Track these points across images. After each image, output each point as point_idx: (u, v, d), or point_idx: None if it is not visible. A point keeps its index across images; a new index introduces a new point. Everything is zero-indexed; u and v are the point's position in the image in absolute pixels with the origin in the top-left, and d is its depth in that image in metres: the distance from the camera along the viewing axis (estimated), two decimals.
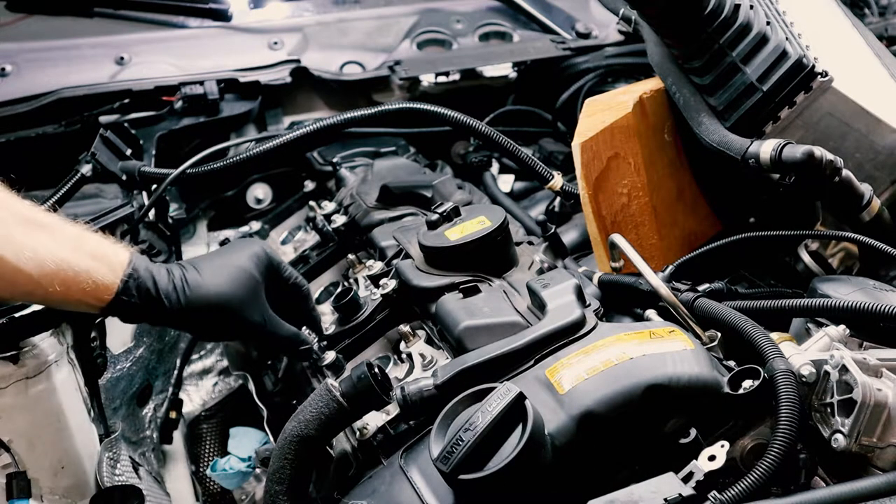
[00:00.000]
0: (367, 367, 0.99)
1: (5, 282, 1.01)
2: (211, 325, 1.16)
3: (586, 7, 2.17)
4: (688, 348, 0.95)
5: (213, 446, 1.81)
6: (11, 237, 1.00)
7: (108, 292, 1.07)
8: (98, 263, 1.06)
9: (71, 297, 1.05)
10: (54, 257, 1.01)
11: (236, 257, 1.18)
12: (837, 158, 1.16)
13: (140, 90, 1.76)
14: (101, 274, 1.05)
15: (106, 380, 1.38)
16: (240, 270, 1.16)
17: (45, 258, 1.01)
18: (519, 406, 0.85)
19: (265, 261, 1.20)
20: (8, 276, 1.00)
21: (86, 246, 1.06)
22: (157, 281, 1.10)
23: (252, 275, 1.17)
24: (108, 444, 1.31)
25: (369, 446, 1.08)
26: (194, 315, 1.12)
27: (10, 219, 1.01)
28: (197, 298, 1.11)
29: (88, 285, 1.04)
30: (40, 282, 1.01)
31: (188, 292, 1.11)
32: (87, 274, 1.04)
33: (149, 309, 1.10)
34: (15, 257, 0.99)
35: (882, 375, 0.94)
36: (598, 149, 1.33)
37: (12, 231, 1.00)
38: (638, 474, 0.87)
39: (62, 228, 1.05)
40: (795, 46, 1.24)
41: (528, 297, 1.12)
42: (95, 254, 1.06)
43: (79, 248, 1.05)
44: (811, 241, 1.31)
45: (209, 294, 1.12)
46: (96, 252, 1.06)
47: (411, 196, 1.52)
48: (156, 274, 1.10)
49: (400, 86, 1.98)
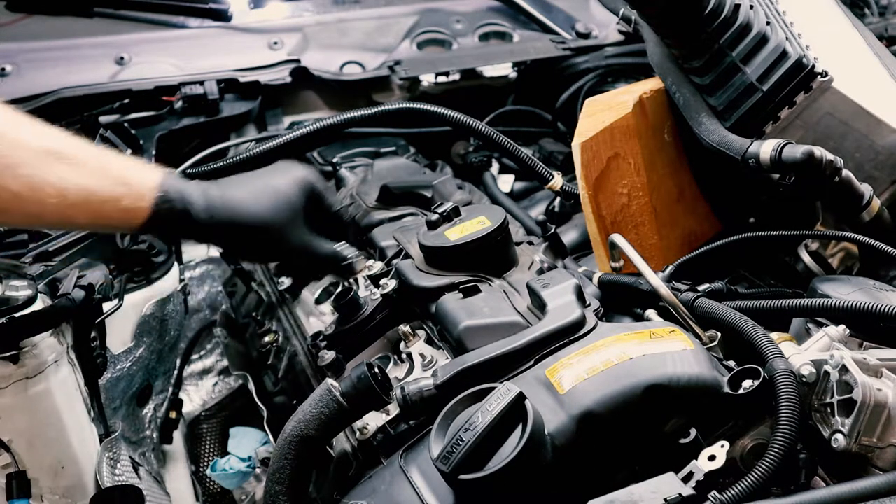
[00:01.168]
0: (367, 367, 0.99)
1: (32, 216, 1.01)
2: (246, 246, 1.16)
3: (586, 7, 2.17)
4: (688, 348, 0.95)
5: (213, 446, 1.81)
6: (33, 173, 0.98)
7: (139, 217, 1.05)
8: (125, 189, 1.04)
9: (100, 223, 1.05)
10: (79, 189, 1.00)
11: (277, 180, 1.16)
12: (837, 158, 1.16)
13: (140, 90, 1.76)
14: (129, 200, 1.04)
15: (106, 380, 1.38)
16: (278, 194, 1.14)
17: (69, 190, 0.99)
18: (519, 406, 0.85)
19: (308, 187, 1.18)
20: (33, 210, 0.99)
21: (112, 173, 1.03)
22: (189, 203, 1.07)
23: (291, 199, 1.15)
24: (108, 444, 1.31)
25: (369, 446, 1.08)
26: (229, 235, 1.11)
27: (31, 153, 0.99)
28: (231, 220, 1.10)
29: (117, 213, 1.03)
30: (66, 212, 1.00)
31: (223, 214, 1.09)
32: (114, 202, 1.02)
33: (182, 230, 1.09)
34: (38, 193, 0.98)
35: (882, 375, 0.94)
36: (598, 149, 1.33)
37: (34, 166, 0.98)
38: (638, 474, 0.87)
39: (86, 158, 1.03)
40: (795, 46, 1.24)
41: (528, 297, 1.12)
42: (122, 180, 1.04)
43: (104, 177, 1.03)
44: (811, 241, 1.31)
45: (244, 217, 1.11)
46: (123, 178, 1.04)
47: (411, 196, 1.52)
48: (188, 196, 1.08)
49: (400, 86, 1.98)
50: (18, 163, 0.97)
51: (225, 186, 1.12)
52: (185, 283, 1.65)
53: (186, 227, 1.09)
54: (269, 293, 1.57)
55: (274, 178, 1.17)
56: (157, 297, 1.54)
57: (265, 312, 1.55)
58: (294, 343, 1.41)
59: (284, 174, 1.18)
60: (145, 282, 1.52)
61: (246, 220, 1.11)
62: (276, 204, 1.14)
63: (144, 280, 1.52)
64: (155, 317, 1.54)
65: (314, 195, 1.19)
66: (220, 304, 1.86)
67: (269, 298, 1.56)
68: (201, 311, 1.87)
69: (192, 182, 1.11)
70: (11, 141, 0.97)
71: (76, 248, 1.39)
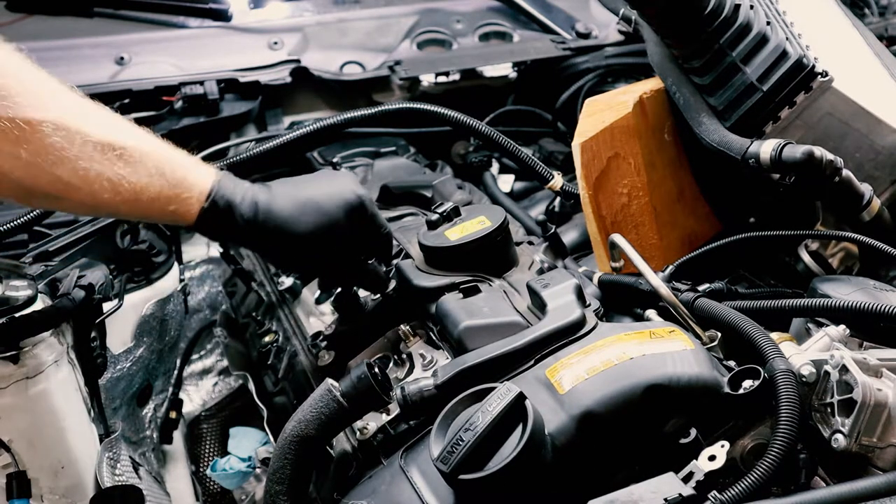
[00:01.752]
0: (367, 367, 0.99)
1: (82, 206, 1.03)
2: (286, 259, 1.19)
3: (586, 7, 2.17)
4: (688, 348, 0.95)
5: (213, 446, 1.81)
6: (90, 166, 0.99)
7: (187, 219, 1.08)
8: (178, 191, 1.06)
9: (151, 218, 1.09)
10: (132, 186, 1.02)
11: (326, 201, 1.14)
12: (837, 158, 1.16)
13: (140, 90, 1.76)
14: (179, 201, 1.06)
15: (106, 380, 1.38)
16: (324, 213, 1.13)
17: (123, 187, 1.01)
18: (519, 406, 0.85)
19: (358, 209, 1.16)
20: (85, 201, 1.01)
21: (166, 173, 1.05)
22: (237, 211, 1.09)
23: (336, 220, 1.14)
24: (108, 444, 1.31)
25: (369, 446, 1.08)
26: (272, 246, 1.14)
27: (91, 147, 1.00)
28: (274, 232, 1.11)
29: (167, 212, 1.06)
30: (117, 207, 1.03)
31: (268, 227, 1.11)
32: (165, 201, 1.05)
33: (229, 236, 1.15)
34: (92, 186, 1.00)
35: (882, 375, 0.94)
36: (598, 149, 1.33)
37: (92, 159, 0.99)
38: (638, 474, 0.87)
39: (144, 156, 1.04)
40: (795, 46, 1.24)
41: (528, 297, 1.12)
42: (176, 181, 1.06)
43: (159, 176, 1.04)
44: (811, 241, 1.31)
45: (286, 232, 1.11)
46: (177, 179, 1.06)
47: (411, 196, 1.52)
48: (237, 204, 1.10)
49: (400, 86, 1.98)
50: (78, 155, 0.98)
51: (273, 195, 1.13)
52: (185, 283, 1.65)
53: (231, 232, 1.11)
54: (269, 293, 1.57)
55: (323, 192, 1.16)
56: (157, 297, 1.54)
57: (265, 312, 1.55)
58: (294, 343, 1.41)
59: (335, 195, 1.16)
60: (145, 282, 1.52)
61: (287, 237, 1.12)
62: (320, 222, 1.13)
63: (144, 280, 1.52)
64: (155, 317, 1.54)
65: (364, 217, 1.17)
66: (220, 304, 1.86)
67: (269, 298, 1.56)
68: (201, 311, 1.87)
69: (244, 185, 1.12)
70: (75, 133, 0.98)
71: (76, 248, 1.39)
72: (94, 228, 1.44)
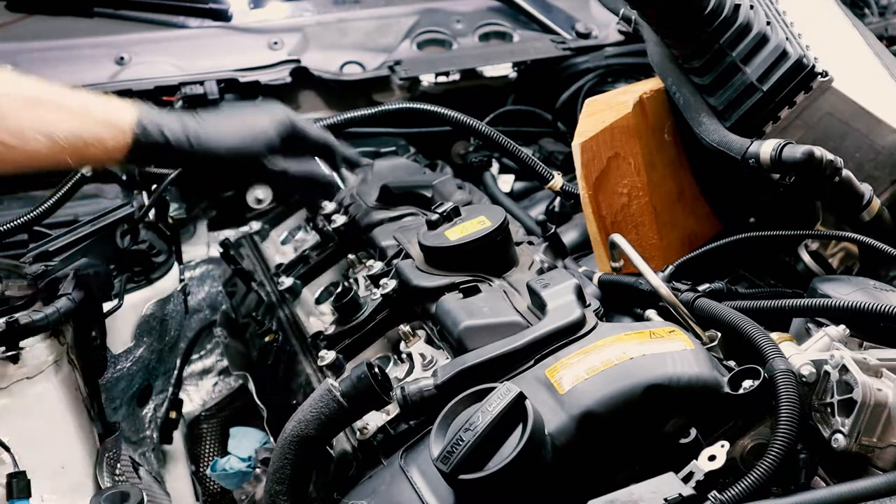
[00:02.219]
0: (367, 367, 0.99)
1: (23, 164, 1.07)
2: (221, 176, 1.27)
3: (586, 7, 2.17)
4: (688, 348, 0.95)
5: (213, 446, 1.81)
6: (20, 121, 1.04)
7: (120, 153, 1.12)
8: (106, 128, 1.11)
9: (85, 162, 1.16)
10: (63, 133, 1.06)
11: (255, 116, 1.23)
12: (837, 158, 1.16)
13: (140, 90, 1.76)
14: (110, 137, 1.11)
15: (106, 380, 1.38)
16: (255, 129, 1.20)
17: (54, 135, 1.05)
18: (519, 406, 0.85)
19: (286, 126, 1.23)
20: (21, 157, 1.05)
21: (92, 114, 1.11)
22: (167, 135, 1.14)
23: (267, 134, 1.21)
24: (108, 444, 1.31)
25: (369, 446, 1.08)
26: (204, 165, 1.19)
27: (15, 102, 1.05)
28: (206, 152, 1.16)
29: (100, 151, 1.10)
30: (54, 156, 1.07)
31: (197, 146, 1.16)
32: (97, 141, 1.09)
33: (162, 159, 1.18)
34: (27, 141, 1.04)
35: (882, 375, 0.94)
36: (598, 149, 1.33)
37: (20, 114, 1.04)
38: (638, 474, 0.87)
39: (68, 102, 1.09)
40: (795, 46, 1.24)
41: (528, 297, 1.11)
42: (103, 120, 1.11)
43: (86, 118, 1.09)
44: (811, 241, 1.31)
45: (219, 150, 1.17)
46: (103, 118, 1.11)
47: (411, 196, 1.52)
48: (166, 128, 1.14)
49: (400, 86, 1.98)
50: (6, 114, 1.03)
51: (202, 119, 1.19)
52: (185, 283, 1.65)
53: (165, 156, 1.16)
54: (269, 293, 1.57)
55: (252, 114, 1.25)
56: (157, 297, 1.54)
57: (265, 312, 1.55)
58: (294, 343, 1.41)
59: (263, 111, 1.25)
60: (145, 282, 1.52)
61: (221, 153, 1.17)
62: (253, 137, 1.20)
63: (144, 280, 1.52)
64: (155, 317, 1.54)
65: (294, 133, 1.24)
66: (220, 304, 1.86)
67: (269, 298, 1.56)
68: (201, 311, 1.87)
69: (170, 113, 1.19)
70: (2, 95, 1.03)
71: (76, 248, 1.39)
72: (94, 228, 1.44)
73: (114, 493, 1.15)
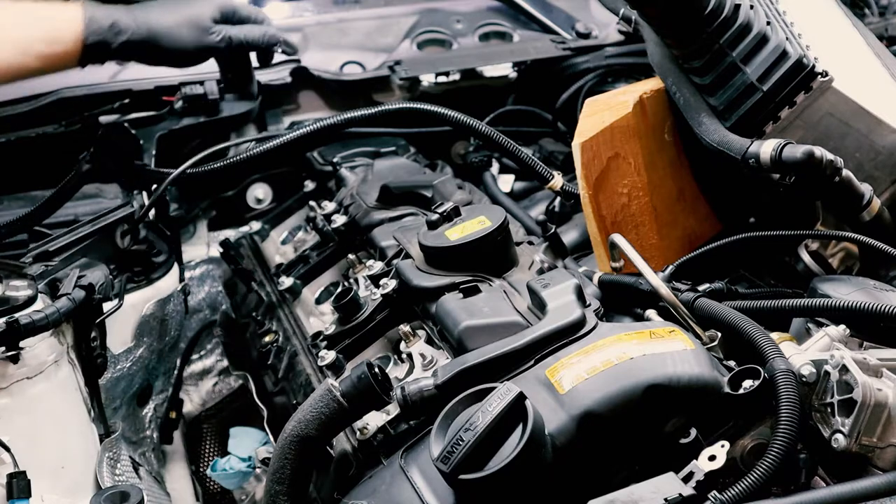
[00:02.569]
0: (367, 367, 0.99)
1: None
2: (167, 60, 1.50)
3: (586, 7, 2.17)
4: (688, 348, 0.95)
5: (213, 446, 1.81)
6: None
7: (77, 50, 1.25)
8: (55, 30, 1.21)
9: (48, 68, 1.26)
10: (13, 41, 1.15)
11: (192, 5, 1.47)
12: (837, 158, 1.16)
13: (140, 90, 1.76)
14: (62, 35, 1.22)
15: (106, 380, 1.38)
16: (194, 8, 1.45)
17: (3, 44, 1.14)
18: (519, 406, 0.85)
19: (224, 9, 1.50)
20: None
21: (40, 18, 1.20)
22: (115, 18, 1.29)
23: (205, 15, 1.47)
24: (108, 444, 1.31)
25: (369, 446, 1.08)
26: (153, 49, 1.42)
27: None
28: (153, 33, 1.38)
29: (57, 52, 1.21)
30: (12, 65, 1.16)
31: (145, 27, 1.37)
32: (51, 43, 1.21)
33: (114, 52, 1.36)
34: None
35: (882, 375, 0.94)
36: (598, 149, 1.33)
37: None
38: (638, 474, 0.87)
39: (10, 9, 1.18)
40: (795, 46, 1.24)
41: (528, 297, 1.12)
42: (49, 19, 1.21)
43: (33, 23, 1.19)
44: (811, 241, 1.31)
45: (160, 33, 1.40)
46: (50, 18, 1.21)
47: (411, 196, 1.52)
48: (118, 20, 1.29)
49: (400, 86, 1.98)
50: None
51: (147, 7, 1.37)
52: (185, 283, 1.65)
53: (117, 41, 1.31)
54: (269, 293, 1.57)
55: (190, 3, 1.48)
56: (157, 297, 1.54)
57: (265, 312, 1.55)
58: (294, 343, 1.41)
59: None
60: (145, 282, 1.52)
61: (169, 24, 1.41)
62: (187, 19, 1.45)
63: (144, 280, 1.52)
64: (155, 317, 1.54)
65: (228, 11, 1.51)
66: (220, 304, 1.86)
67: (269, 298, 1.56)
68: (201, 311, 1.87)
69: (115, 7, 1.33)
70: None
71: (76, 248, 1.39)
72: (94, 228, 1.44)
73: (114, 493, 1.15)
